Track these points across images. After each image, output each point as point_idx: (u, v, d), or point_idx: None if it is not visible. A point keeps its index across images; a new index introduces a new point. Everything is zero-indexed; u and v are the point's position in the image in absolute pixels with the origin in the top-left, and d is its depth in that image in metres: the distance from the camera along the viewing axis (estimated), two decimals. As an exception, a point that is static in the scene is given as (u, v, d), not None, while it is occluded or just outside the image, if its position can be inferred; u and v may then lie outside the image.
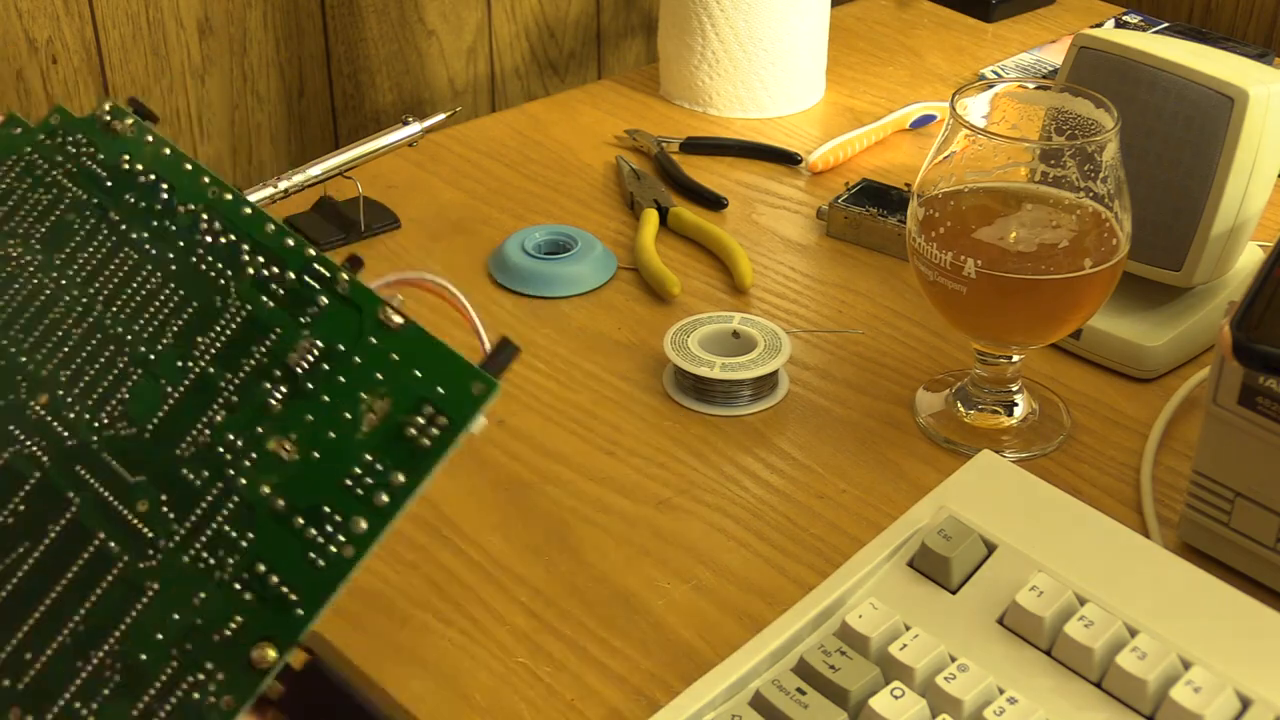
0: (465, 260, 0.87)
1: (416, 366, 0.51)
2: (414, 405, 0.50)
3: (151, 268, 0.56)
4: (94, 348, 0.54)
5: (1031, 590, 0.55)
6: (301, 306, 0.53)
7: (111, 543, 0.50)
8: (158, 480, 0.51)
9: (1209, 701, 0.50)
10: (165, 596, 0.49)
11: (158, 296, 0.55)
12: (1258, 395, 0.60)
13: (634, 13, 1.29)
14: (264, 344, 0.52)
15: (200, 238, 0.56)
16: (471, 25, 1.20)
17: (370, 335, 0.51)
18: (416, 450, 0.49)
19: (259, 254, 0.54)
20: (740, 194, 0.96)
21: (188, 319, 0.54)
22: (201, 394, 0.52)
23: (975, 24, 1.20)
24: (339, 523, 0.48)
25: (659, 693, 0.58)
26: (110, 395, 0.53)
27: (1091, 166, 0.66)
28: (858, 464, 0.71)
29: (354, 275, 0.53)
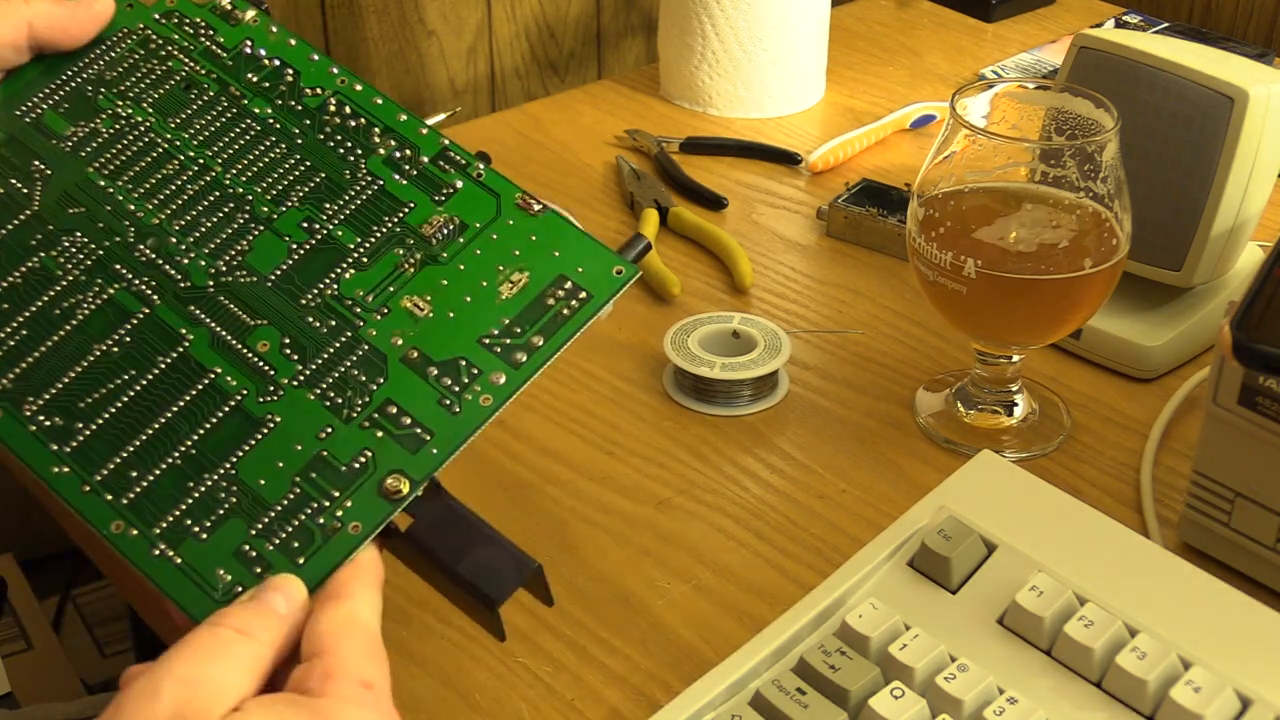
0: (465, 260, 0.87)
1: (555, 248, 0.52)
2: (553, 280, 0.51)
3: (275, 139, 0.56)
4: (211, 203, 0.55)
5: (1031, 590, 0.55)
6: (436, 188, 0.54)
7: (229, 377, 0.51)
8: (280, 325, 0.51)
9: (1209, 701, 0.50)
10: (287, 429, 0.49)
11: (282, 165, 0.55)
12: (1258, 395, 0.60)
13: (634, 13, 1.29)
14: (397, 215, 0.54)
15: (329, 118, 0.56)
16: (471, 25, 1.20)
17: (508, 217, 0.53)
18: (556, 318, 0.51)
19: (390, 137, 0.56)
20: (740, 194, 0.96)
21: (314, 187, 0.55)
22: (328, 253, 0.53)
23: (975, 24, 1.20)
24: (476, 374, 0.49)
25: (659, 693, 0.58)
26: (229, 246, 0.53)
27: (1091, 166, 0.66)
28: (858, 464, 0.71)
29: (490, 166, 0.55)
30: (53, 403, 0.51)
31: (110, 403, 0.51)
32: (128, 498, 0.49)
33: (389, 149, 0.55)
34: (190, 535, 0.48)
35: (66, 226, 0.54)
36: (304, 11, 1.10)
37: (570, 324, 0.51)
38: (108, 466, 0.49)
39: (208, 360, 0.51)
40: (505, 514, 0.68)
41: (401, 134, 0.56)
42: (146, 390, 0.51)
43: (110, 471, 0.49)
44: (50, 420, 0.50)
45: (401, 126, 0.56)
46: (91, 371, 0.51)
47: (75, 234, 0.54)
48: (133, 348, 0.52)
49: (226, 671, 0.42)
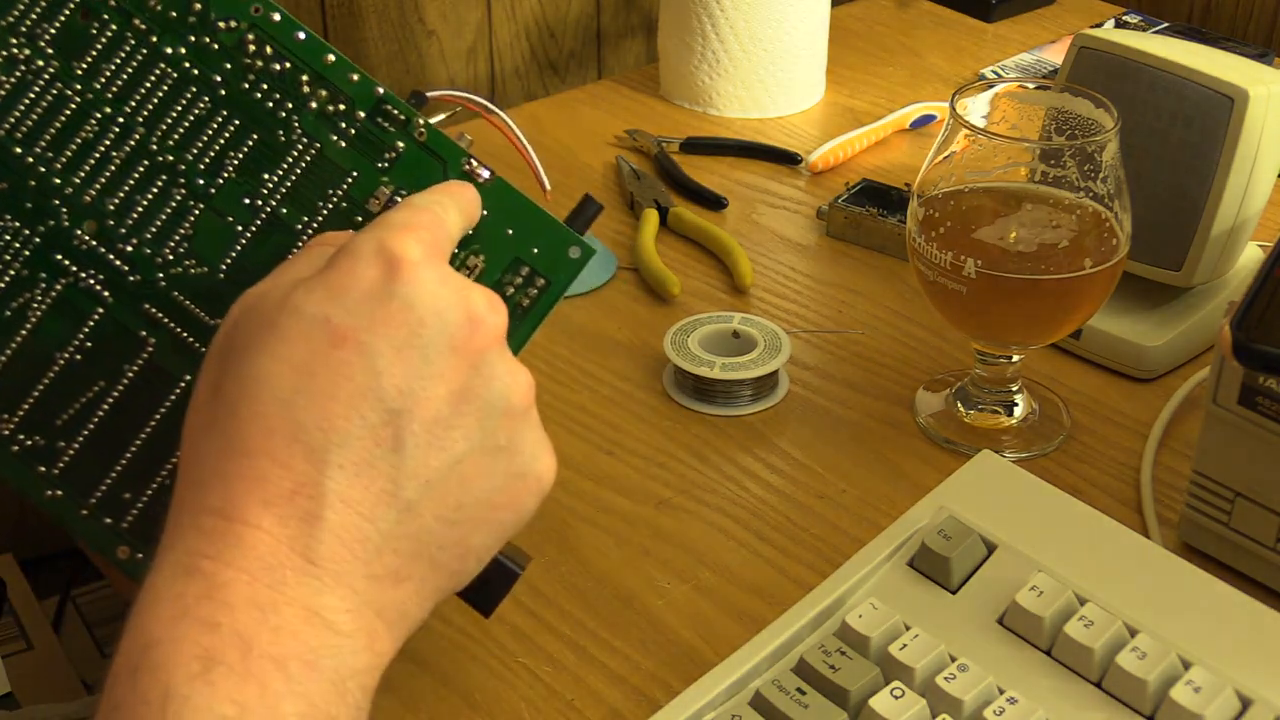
0: (465, 260, 0.87)
1: (507, 224, 0.51)
2: (510, 265, 0.50)
3: (196, 90, 0.52)
4: (142, 175, 0.51)
5: (1031, 590, 0.55)
6: (377, 151, 0.52)
7: (187, 375, 0.50)
8: (225, 307, 0.50)
9: (1209, 701, 0.50)
10: None
11: (209, 124, 0.52)
12: (1258, 395, 0.60)
13: (634, 13, 1.29)
14: (340, 187, 0.52)
15: (250, 61, 0.52)
16: (471, 25, 1.20)
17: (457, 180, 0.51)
18: (516, 310, 0.50)
19: (320, 87, 0.52)
20: (740, 194, 0.96)
21: (248, 152, 0.52)
22: (276, 235, 0.51)
23: (975, 24, 1.20)
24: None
25: (659, 693, 0.58)
26: (171, 230, 0.51)
27: (1091, 166, 0.66)
28: (858, 464, 0.71)
29: (429, 121, 0.52)
30: (29, 420, 0.49)
31: (88, 418, 0.50)
32: (128, 520, 0.48)
33: (321, 101, 0.52)
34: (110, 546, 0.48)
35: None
36: (304, 11, 1.10)
37: (532, 314, 0.51)
38: (100, 489, 0.49)
39: (175, 368, 0.50)
40: (505, 514, 0.68)
41: (331, 82, 0.52)
42: (121, 402, 0.50)
43: (104, 494, 0.49)
44: (31, 440, 0.49)
45: (330, 72, 0.52)
46: (60, 383, 0.50)
47: (5, 216, 0.51)
48: (95, 355, 0.50)
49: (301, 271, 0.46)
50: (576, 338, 0.81)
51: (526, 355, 0.79)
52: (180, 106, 0.52)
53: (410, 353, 0.44)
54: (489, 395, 0.45)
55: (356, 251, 0.45)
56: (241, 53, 0.52)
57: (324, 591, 0.41)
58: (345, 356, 0.43)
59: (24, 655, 1.16)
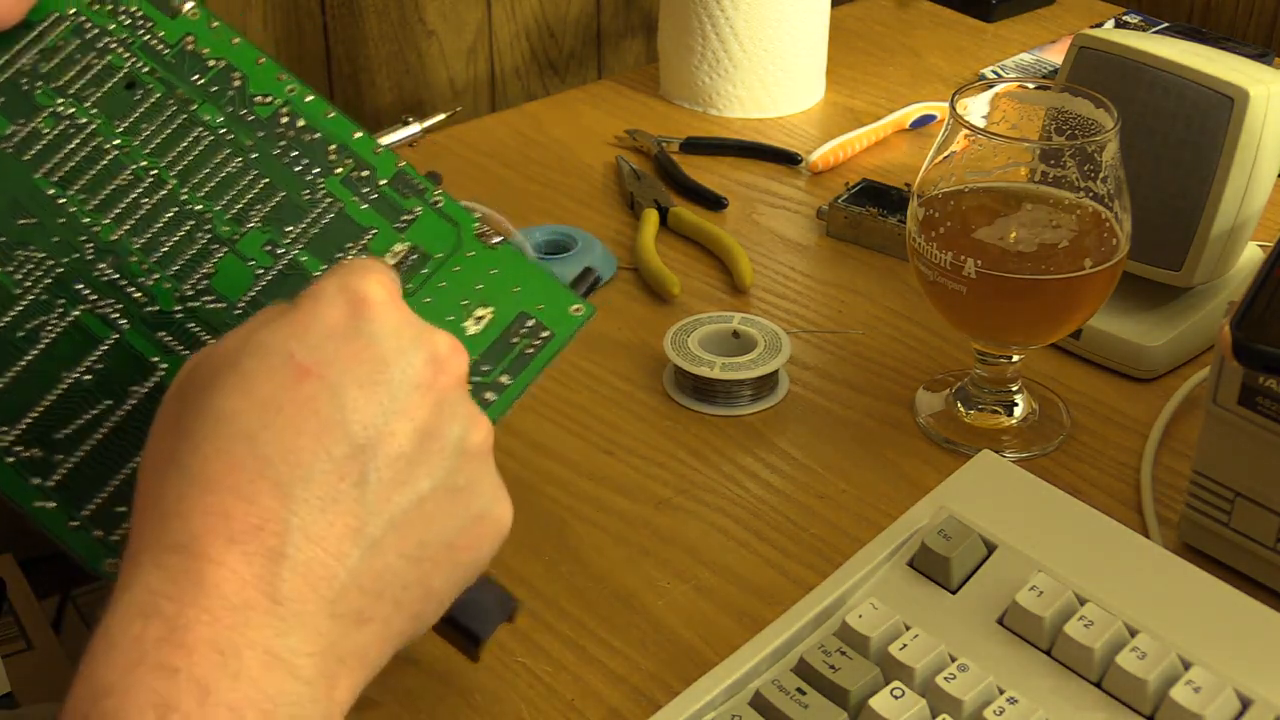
0: (465, 260, 0.87)
1: (514, 284, 0.54)
2: (515, 318, 0.53)
3: (230, 151, 0.55)
4: (170, 220, 0.54)
5: (1031, 590, 0.55)
6: (395, 213, 0.55)
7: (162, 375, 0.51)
8: (202, 323, 0.52)
9: (1209, 701, 0.50)
10: None
11: (239, 181, 0.55)
12: (1258, 395, 0.60)
13: (634, 13, 1.29)
14: (360, 241, 0.54)
15: (282, 130, 0.56)
16: (471, 25, 1.20)
17: (468, 249, 0.54)
18: (521, 357, 0.53)
19: (346, 156, 0.56)
20: (740, 194, 0.96)
21: (274, 206, 0.55)
22: (294, 279, 0.53)
23: (975, 24, 1.20)
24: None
25: (659, 693, 0.58)
26: (193, 268, 0.53)
27: (1091, 166, 0.66)
28: (858, 464, 0.71)
29: (445, 192, 0.56)
30: (29, 434, 0.50)
31: (89, 434, 0.50)
32: (118, 534, 0.48)
33: (346, 168, 0.55)
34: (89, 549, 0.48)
35: (20, 239, 0.53)
36: (304, 11, 1.10)
37: (535, 362, 0.53)
38: (94, 502, 0.49)
39: (136, 373, 0.51)
40: (505, 514, 0.68)
41: (357, 153, 0.56)
42: (125, 422, 0.50)
43: (97, 507, 0.49)
44: (29, 452, 0.49)
45: (356, 145, 0.56)
46: (66, 401, 0.50)
47: (29, 247, 0.52)
48: (105, 376, 0.51)
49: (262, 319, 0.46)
50: (577, 338, 0.81)
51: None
52: (213, 165, 0.55)
53: (376, 389, 0.44)
54: (451, 435, 0.46)
55: (320, 292, 0.45)
56: (274, 123, 0.56)
57: (287, 633, 0.40)
58: (311, 391, 0.43)
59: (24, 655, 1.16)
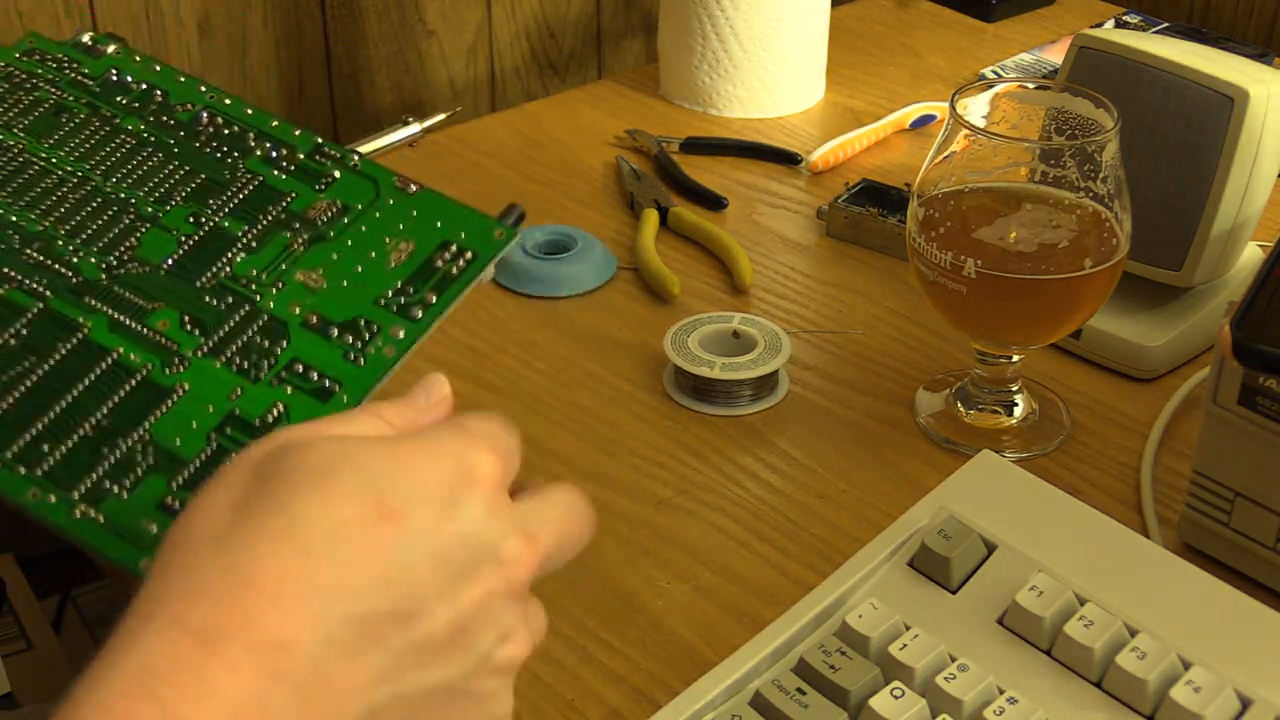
0: (465, 260, 0.87)
1: (436, 219, 0.55)
2: (439, 245, 0.54)
3: (152, 149, 0.58)
4: (95, 208, 0.56)
5: (1031, 590, 0.55)
6: (315, 178, 0.57)
7: (132, 354, 0.52)
8: (178, 305, 0.53)
9: (1209, 701, 0.50)
10: (197, 394, 0.51)
11: (161, 170, 0.57)
12: (1258, 395, 0.60)
13: (634, 13, 1.29)
14: (280, 204, 0.56)
15: (204, 128, 0.58)
16: (471, 25, 1.20)
17: (388, 197, 0.56)
18: (446, 277, 0.53)
19: (265, 140, 0.58)
20: (740, 194, 0.96)
21: (196, 187, 0.57)
22: (218, 241, 0.55)
23: (975, 24, 1.20)
24: (376, 330, 0.52)
25: (659, 693, 0.58)
26: (117, 244, 0.55)
27: (1091, 166, 0.66)
28: (858, 464, 0.71)
29: (363, 154, 0.57)
30: None
31: (12, 389, 0.51)
32: (42, 468, 0.49)
33: (265, 150, 0.57)
34: (110, 495, 0.48)
35: None
36: (304, 11, 1.10)
37: (460, 280, 0.54)
38: (17, 444, 0.50)
39: (109, 342, 0.52)
40: (505, 514, 0.68)
41: (276, 136, 0.58)
42: (49, 375, 0.51)
43: (20, 448, 0.49)
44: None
45: (275, 130, 0.58)
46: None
47: None
48: (30, 339, 0.52)
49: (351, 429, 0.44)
50: (576, 338, 0.81)
51: (526, 357, 0.79)
52: (135, 161, 0.58)
53: (440, 565, 0.42)
54: (484, 640, 0.44)
55: (438, 443, 0.44)
56: (195, 124, 0.59)
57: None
58: (385, 538, 0.41)
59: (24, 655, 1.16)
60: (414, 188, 0.56)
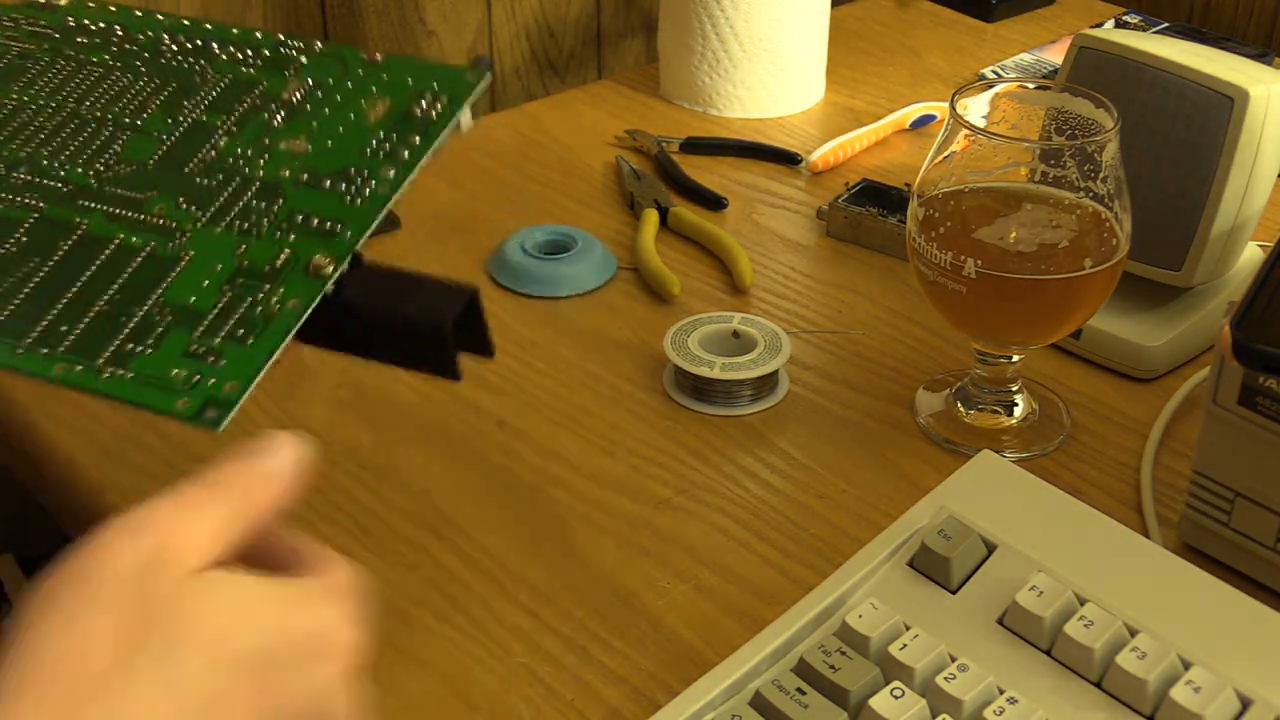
0: (465, 260, 0.87)
1: (407, 77, 0.59)
2: (414, 96, 0.58)
3: (120, 73, 0.61)
4: (74, 129, 0.59)
5: (1031, 590, 0.55)
6: (282, 67, 0.60)
7: (133, 238, 0.54)
8: (170, 191, 0.55)
9: (1209, 701, 0.50)
10: (203, 258, 0.53)
11: (132, 88, 0.60)
12: (1258, 395, 0.60)
13: (634, 13, 1.29)
14: (253, 93, 0.59)
15: (166, 47, 0.62)
16: (471, 25, 1.20)
17: (356, 68, 0.60)
18: (425, 120, 0.57)
19: (229, 45, 0.62)
20: (740, 194, 0.96)
21: (169, 94, 0.60)
22: (199, 134, 0.58)
23: (975, 24, 1.20)
24: (366, 174, 0.55)
25: (659, 693, 0.58)
26: (101, 153, 0.58)
27: (1091, 166, 0.66)
28: (858, 464, 0.71)
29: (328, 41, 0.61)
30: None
31: (20, 288, 0.53)
32: (65, 345, 0.51)
33: (230, 53, 0.61)
34: (135, 355, 0.50)
35: None
36: (304, 11, 1.10)
37: (439, 122, 0.57)
38: (35, 331, 0.51)
39: (108, 232, 0.54)
40: (505, 514, 0.68)
41: (238, 40, 0.62)
42: (55, 269, 0.53)
43: (39, 333, 0.51)
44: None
45: (237, 36, 0.62)
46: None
47: None
48: (30, 244, 0.54)
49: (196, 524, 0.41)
50: (576, 338, 0.81)
51: (526, 357, 0.79)
52: (104, 86, 0.60)
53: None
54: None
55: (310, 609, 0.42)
56: (157, 47, 0.62)
57: None
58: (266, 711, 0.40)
59: (24, 655, 1.16)
60: (380, 56, 0.60)
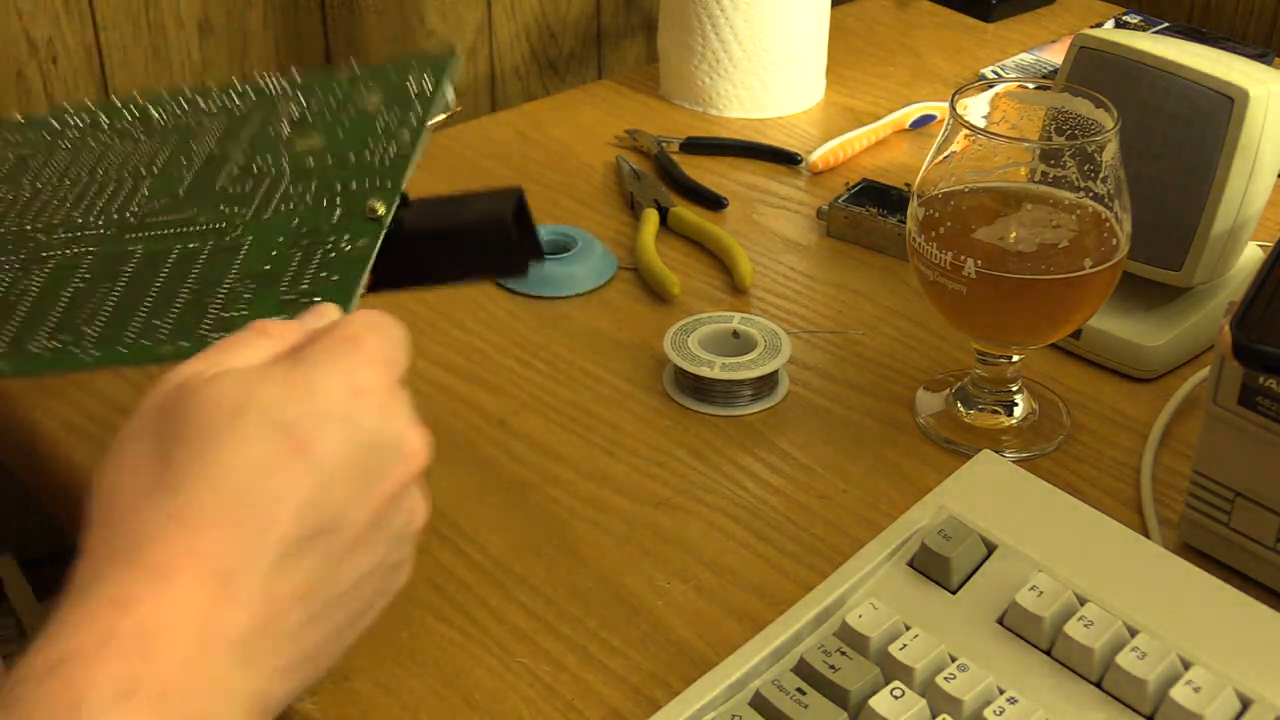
0: (465, 260, 0.87)
1: (388, 76, 0.65)
2: (401, 81, 0.64)
3: (120, 143, 0.67)
4: (96, 190, 0.64)
5: (1031, 590, 0.55)
6: (271, 101, 0.66)
7: (191, 244, 0.59)
8: (208, 205, 0.61)
9: (1209, 701, 0.50)
10: (263, 240, 0.58)
11: (137, 151, 0.66)
12: (1258, 395, 0.60)
13: (634, 13, 1.29)
14: (252, 123, 0.65)
15: (155, 116, 0.69)
16: (471, 25, 1.20)
17: (341, 82, 0.66)
18: (420, 96, 0.63)
19: (214, 98, 0.68)
20: (740, 194, 0.96)
21: (175, 145, 0.65)
22: (215, 162, 0.64)
23: (975, 24, 1.20)
24: (385, 144, 0.60)
25: (659, 693, 0.58)
26: (131, 200, 0.63)
27: (1091, 166, 0.66)
28: (858, 464, 0.71)
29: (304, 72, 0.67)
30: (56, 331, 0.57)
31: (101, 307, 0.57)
32: (162, 334, 0.55)
33: (219, 103, 0.67)
34: (232, 322, 0.54)
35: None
36: (304, 11, 1.10)
37: (432, 98, 0.63)
38: (129, 335, 0.55)
39: (165, 247, 0.59)
40: (505, 514, 0.68)
41: (221, 93, 0.68)
42: (128, 287, 0.58)
43: (135, 334, 0.55)
44: (56, 341, 0.56)
45: (217, 93, 0.68)
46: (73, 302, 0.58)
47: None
48: (95, 277, 0.59)
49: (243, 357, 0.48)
50: (576, 338, 0.81)
51: (526, 357, 0.79)
52: (109, 159, 0.66)
53: (353, 478, 0.47)
54: (396, 523, 0.49)
55: (327, 365, 0.47)
56: (146, 119, 0.69)
57: (232, 671, 0.43)
58: (301, 467, 0.45)
59: (24, 655, 1.16)
60: (356, 68, 0.66)
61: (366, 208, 0.57)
